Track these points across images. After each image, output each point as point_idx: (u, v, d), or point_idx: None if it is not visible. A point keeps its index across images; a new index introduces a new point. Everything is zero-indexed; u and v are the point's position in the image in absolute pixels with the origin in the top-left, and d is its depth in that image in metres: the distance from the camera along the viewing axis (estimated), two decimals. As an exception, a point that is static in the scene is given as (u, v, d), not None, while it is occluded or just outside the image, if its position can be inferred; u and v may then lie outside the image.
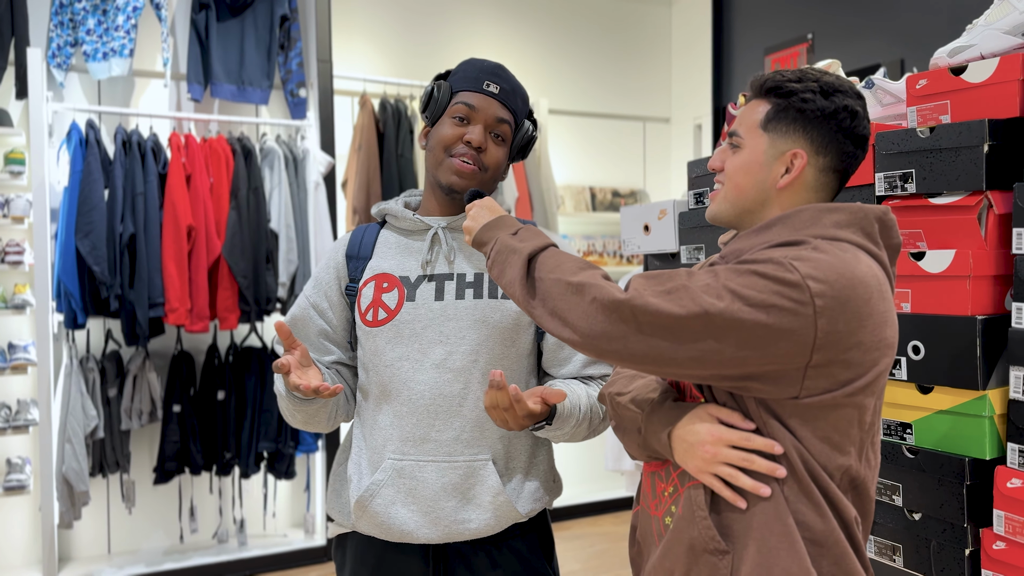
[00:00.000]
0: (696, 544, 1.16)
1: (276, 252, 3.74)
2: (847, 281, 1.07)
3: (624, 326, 1.09)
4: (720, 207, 1.24)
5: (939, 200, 1.47)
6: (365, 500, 1.46)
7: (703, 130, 5.05)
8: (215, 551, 3.82)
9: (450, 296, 1.47)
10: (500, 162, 1.49)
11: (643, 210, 2.13)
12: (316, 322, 1.55)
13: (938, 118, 1.52)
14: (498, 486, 1.44)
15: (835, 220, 1.15)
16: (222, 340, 3.88)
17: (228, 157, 3.66)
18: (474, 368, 1.45)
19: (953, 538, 1.46)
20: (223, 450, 3.74)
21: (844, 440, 1.13)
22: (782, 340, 1.05)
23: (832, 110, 1.17)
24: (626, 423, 1.27)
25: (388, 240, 1.55)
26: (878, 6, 3.96)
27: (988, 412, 1.41)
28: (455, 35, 4.57)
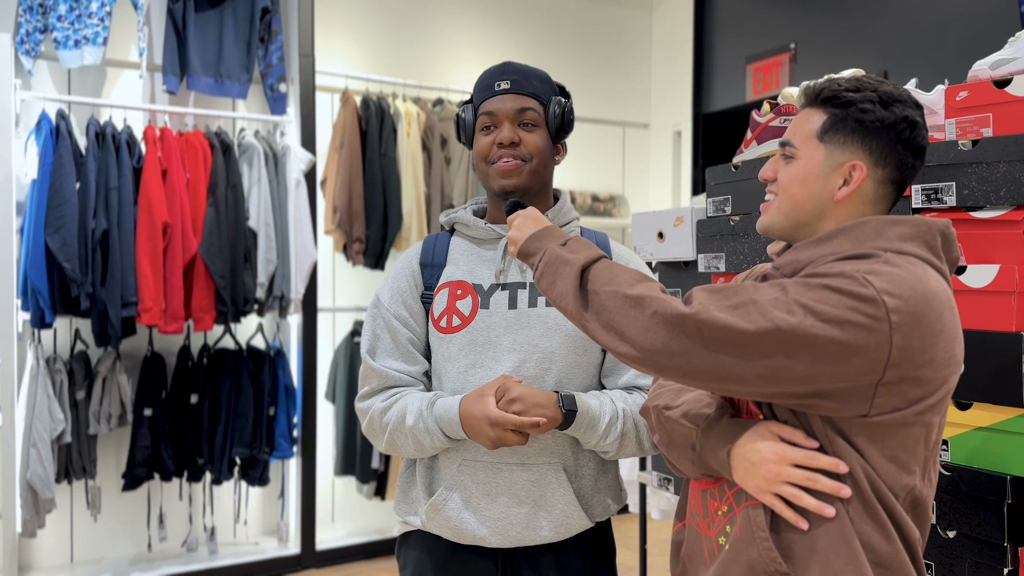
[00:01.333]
0: (756, 566, 1.11)
1: (254, 251, 3.62)
2: (921, 296, 1.04)
3: (688, 341, 1.05)
4: (774, 218, 1.21)
5: (981, 214, 1.45)
6: (438, 504, 1.46)
7: (682, 137, 5.05)
8: (184, 560, 3.69)
9: (523, 304, 1.48)
10: (541, 146, 1.50)
11: (656, 216, 2.09)
12: (402, 332, 1.52)
13: (979, 131, 1.50)
14: (569, 494, 1.46)
15: (899, 233, 1.12)
16: (195, 341, 3.74)
17: (206, 152, 3.53)
18: (547, 376, 1.46)
19: (991, 557, 1.44)
20: (195, 455, 3.61)
21: (910, 459, 1.10)
22: (856, 357, 1.02)
23: (892, 121, 1.14)
24: (677, 438, 1.22)
25: (460, 247, 1.56)
26: (861, 18, 4.00)
27: (1031, 430, 1.40)
28: (439, 34, 4.49)
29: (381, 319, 1.53)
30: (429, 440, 1.44)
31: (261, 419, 3.70)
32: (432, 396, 1.47)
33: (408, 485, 1.55)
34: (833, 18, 4.15)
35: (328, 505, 4.15)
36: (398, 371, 1.51)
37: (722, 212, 1.98)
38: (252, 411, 3.68)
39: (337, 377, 4.02)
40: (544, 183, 1.53)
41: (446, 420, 1.42)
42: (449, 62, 4.48)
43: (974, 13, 3.47)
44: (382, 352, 1.52)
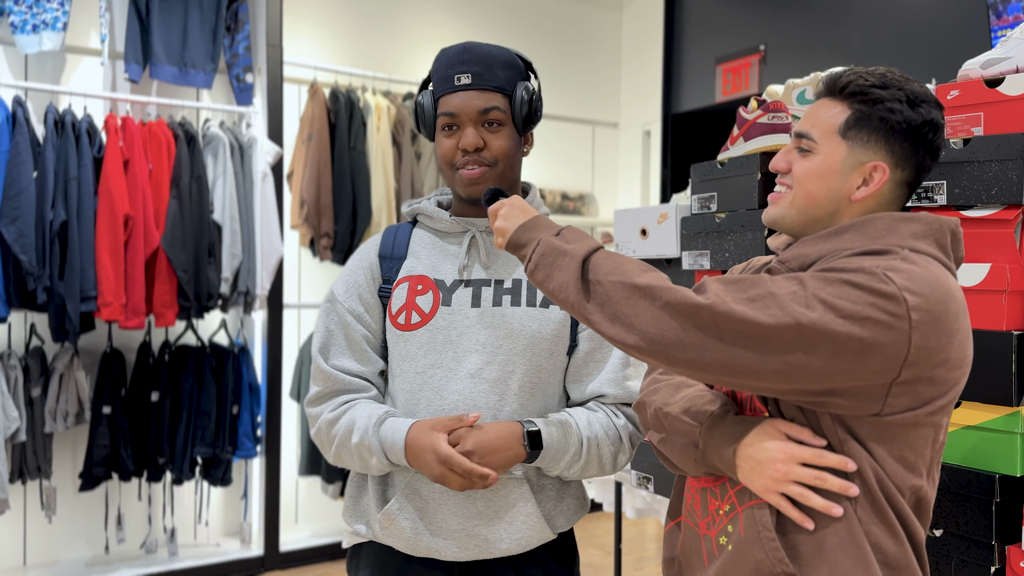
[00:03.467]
0: (762, 566, 1.09)
1: (219, 245, 3.52)
2: (940, 295, 1.03)
3: (702, 334, 1.01)
4: (786, 212, 1.17)
5: (972, 213, 1.46)
6: (392, 514, 1.38)
7: (652, 136, 5.06)
8: (143, 562, 3.58)
9: (487, 303, 1.39)
10: (508, 147, 1.40)
11: (640, 213, 2.07)
12: (357, 329, 1.43)
13: (970, 130, 1.50)
14: (531, 506, 1.39)
15: (912, 231, 1.10)
16: (156, 337, 3.63)
17: (169, 142, 3.42)
18: (510, 380, 1.37)
19: (978, 555, 1.45)
20: (156, 455, 3.50)
21: (918, 460, 1.09)
22: (874, 355, 1.00)
23: (919, 123, 1.11)
24: (677, 436, 1.19)
25: (423, 240, 1.47)
26: (829, 20, 4.04)
27: (1020, 428, 1.40)
28: (410, 27, 4.43)
29: (335, 315, 1.44)
30: (375, 462, 1.36)
31: (224, 418, 3.60)
32: (381, 414, 1.37)
33: (359, 492, 1.46)
34: (802, 20, 4.18)
35: (292, 506, 4.07)
36: (351, 372, 1.42)
37: (707, 209, 1.96)
38: (215, 409, 3.59)
39: (303, 375, 3.94)
40: (513, 181, 1.45)
41: (390, 444, 1.34)
42: (420, 56, 4.42)
43: (941, 14, 3.52)
44: (335, 351, 1.43)
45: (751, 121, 1.80)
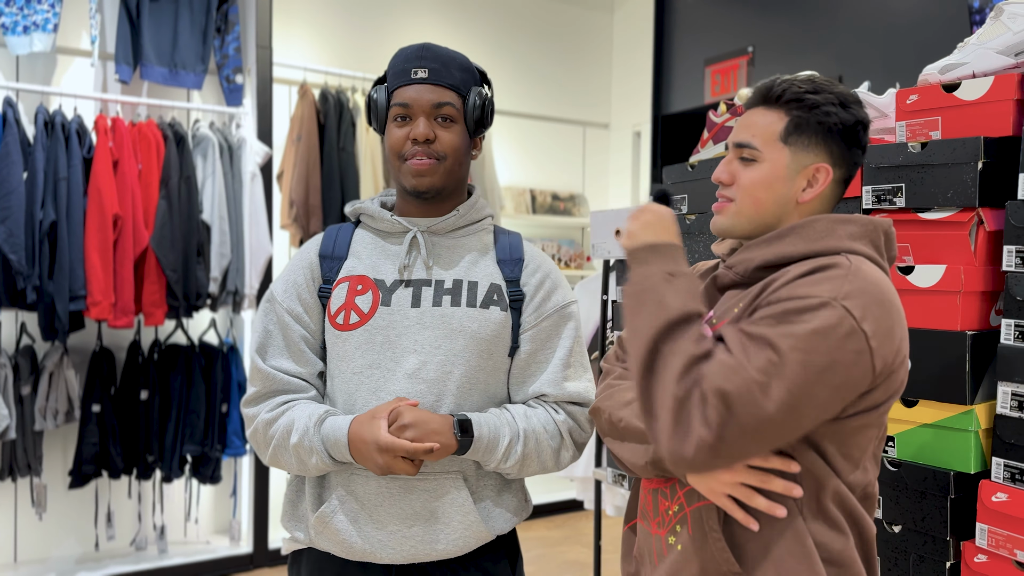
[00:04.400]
0: (709, 566, 1.12)
1: (208, 245, 3.55)
2: (886, 310, 1.07)
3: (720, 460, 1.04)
4: (734, 221, 1.20)
5: (929, 215, 1.48)
6: (326, 516, 1.36)
7: (642, 137, 5.08)
8: (133, 559, 3.61)
9: (427, 303, 1.39)
10: (457, 144, 1.40)
11: (614, 215, 2.10)
12: (295, 329, 1.42)
13: (928, 134, 1.53)
14: (469, 505, 1.37)
15: (849, 232, 1.15)
16: (146, 336, 3.66)
17: (159, 143, 3.45)
18: (448, 380, 1.37)
19: (934, 551, 1.48)
20: (145, 453, 3.53)
21: (864, 455, 1.13)
22: (847, 389, 1.05)
23: (852, 123, 1.17)
24: (630, 439, 1.21)
25: (364, 240, 1.46)
26: (816, 22, 4.07)
27: (974, 426, 1.43)
28: (399, 27, 4.46)
29: (274, 315, 1.42)
30: (314, 460, 1.34)
31: (213, 416, 3.63)
32: (322, 413, 1.36)
33: (296, 497, 1.44)
34: (790, 22, 4.21)
35: (281, 504, 4.08)
36: (288, 373, 1.40)
37: (678, 211, 1.99)
38: (204, 408, 3.61)
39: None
40: (459, 181, 1.45)
41: (332, 441, 1.32)
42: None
43: (926, 17, 3.55)
44: (273, 351, 1.41)
45: (720, 124, 1.83)
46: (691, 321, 1.08)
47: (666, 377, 1.05)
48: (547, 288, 1.45)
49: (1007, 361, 1.39)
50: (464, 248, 1.45)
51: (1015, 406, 1.39)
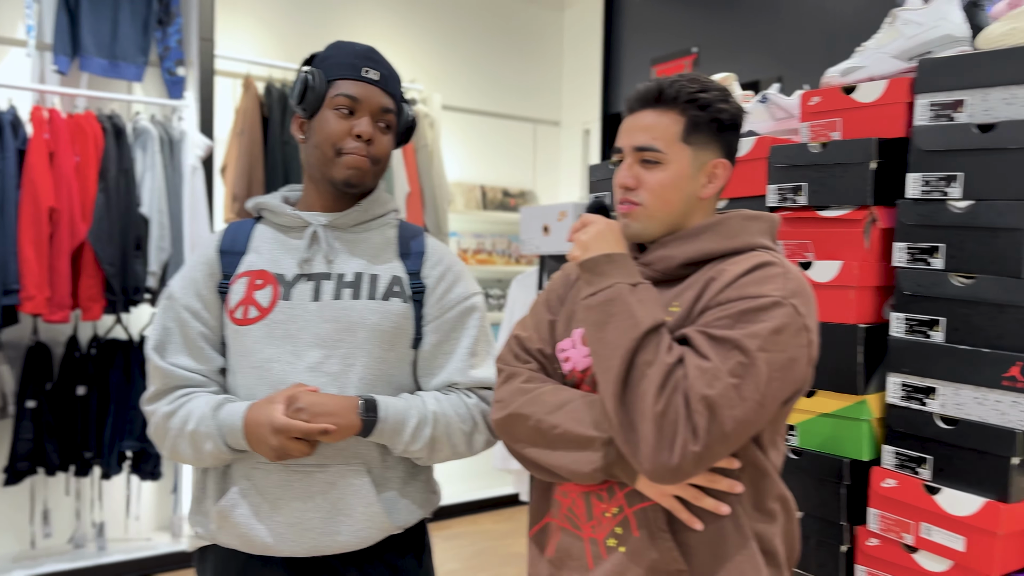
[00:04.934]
0: (657, 565, 1.14)
1: (147, 239, 3.51)
2: (814, 305, 1.14)
3: (701, 465, 1.07)
4: (645, 225, 1.22)
5: (827, 213, 1.54)
6: (226, 510, 1.36)
7: (591, 135, 5.14)
8: (71, 557, 3.56)
9: (327, 296, 1.39)
10: (388, 151, 1.44)
11: (543, 211, 2.13)
12: (194, 326, 1.40)
13: (829, 134, 1.59)
14: (371, 496, 1.36)
15: (758, 228, 1.20)
16: (84, 331, 3.62)
17: (97, 135, 3.41)
18: (350, 372, 1.37)
19: (831, 535, 1.53)
20: (82, 449, 3.49)
21: (780, 438, 1.20)
22: (798, 382, 1.11)
23: (738, 116, 1.23)
24: (568, 446, 1.18)
25: (264, 235, 1.45)
26: (759, 25, 4.15)
27: (867, 416, 1.49)
28: (346, 22, 4.45)
29: (172, 312, 1.41)
30: (210, 447, 1.33)
31: (153, 411, 3.60)
32: (220, 400, 1.36)
33: (201, 493, 1.43)
34: (733, 24, 4.29)
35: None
36: (188, 369, 1.39)
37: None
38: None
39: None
40: (376, 185, 1.47)
41: (228, 427, 1.32)
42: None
43: (863, 19, 3.64)
44: (172, 348, 1.39)
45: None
46: (660, 331, 1.10)
47: (646, 389, 1.06)
48: (449, 280, 1.47)
49: (897, 353, 1.45)
50: (366, 242, 1.46)
51: (904, 396, 1.45)
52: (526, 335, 1.32)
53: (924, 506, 1.40)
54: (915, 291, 1.43)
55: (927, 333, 1.42)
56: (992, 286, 1.34)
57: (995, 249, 1.34)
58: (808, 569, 1.58)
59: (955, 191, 1.38)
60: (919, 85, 1.45)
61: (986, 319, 1.36)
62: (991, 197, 1.35)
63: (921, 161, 1.42)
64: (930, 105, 1.43)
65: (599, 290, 1.14)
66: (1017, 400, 1.33)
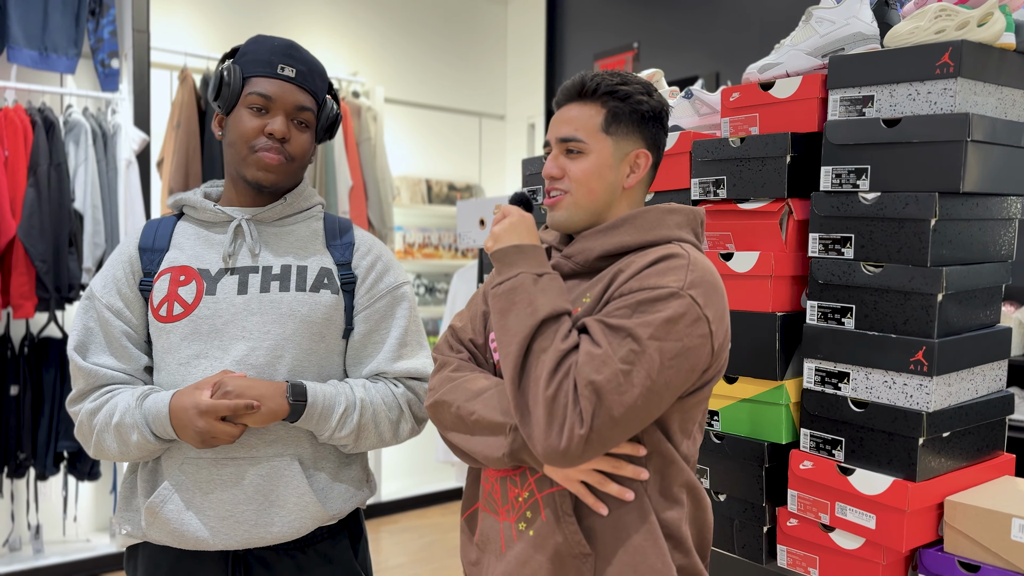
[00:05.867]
0: (562, 549, 1.17)
1: (80, 234, 3.45)
2: (719, 295, 1.16)
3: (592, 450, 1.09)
4: (571, 213, 1.25)
5: (747, 205, 1.59)
6: (156, 506, 1.35)
7: (536, 129, 5.17)
8: (6, 560, 3.48)
9: (254, 289, 1.39)
10: (307, 149, 1.43)
11: (479, 205, 2.15)
12: (116, 325, 1.39)
13: (748, 129, 1.63)
14: (303, 487, 1.37)
15: (676, 221, 1.23)
16: (16, 330, 3.53)
17: (27, 129, 3.33)
18: (279, 364, 1.37)
19: (753, 517, 1.59)
20: (16, 450, 3.41)
21: (695, 427, 1.22)
22: (695, 371, 1.14)
23: (659, 109, 1.26)
24: (482, 432, 1.22)
25: (186, 231, 1.44)
26: (698, 21, 4.22)
27: (784, 400, 1.54)
28: (287, 14, 4.41)
29: (93, 312, 1.40)
30: (136, 437, 1.32)
31: (90, 410, 3.54)
32: (145, 390, 1.36)
33: (130, 491, 1.42)
34: (673, 20, 4.36)
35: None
36: (111, 368, 1.38)
37: (535, 200, 2.06)
38: (80, 402, 3.51)
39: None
40: (298, 182, 1.47)
41: (154, 414, 1.31)
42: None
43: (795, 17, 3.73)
44: (94, 348, 1.39)
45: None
46: (560, 319, 1.14)
47: (539, 374, 1.10)
48: (379, 270, 1.48)
49: (811, 339, 1.51)
50: (292, 235, 1.46)
51: (818, 381, 1.50)
52: (460, 325, 1.35)
53: (838, 486, 1.46)
54: (828, 280, 1.49)
55: (840, 320, 1.48)
56: (899, 274, 1.40)
57: (901, 239, 1.40)
58: (731, 550, 1.63)
59: (864, 183, 1.44)
60: (831, 81, 1.50)
61: (893, 306, 1.42)
62: (897, 189, 1.41)
63: (833, 154, 1.48)
64: (841, 100, 1.48)
65: (505, 279, 1.18)
66: (923, 383, 1.39)
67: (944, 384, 1.40)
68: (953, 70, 1.35)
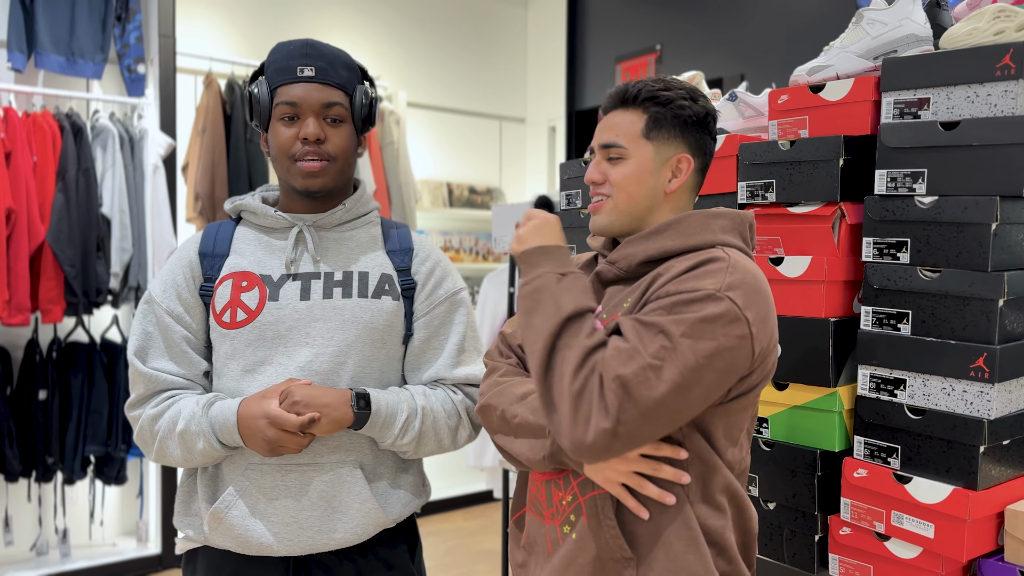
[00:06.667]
0: (604, 552, 1.17)
1: (108, 239, 3.46)
2: (763, 298, 1.14)
3: (618, 444, 1.08)
4: (612, 218, 1.25)
5: (797, 209, 1.57)
6: (220, 512, 1.35)
7: (556, 132, 5.15)
8: (34, 564, 3.49)
9: (317, 296, 1.39)
10: (346, 145, 1.41)
11: (515, 208, 2.14)
12: (176, 330, 1.39)
13: (797, 132, 1.61)
14: (366, 493, 1.38)
15: (721, 226, 1.22)
16: (44, 334, 3.54)
17: (55, 134, 3.34)
18: (342, 370, 1.38)
19: (804, 525, 1.56)
20: (44, 454, 3.42)
21: (741, 435, 1.21)
22: (732, 373, 1.11)
23: (703, 114, 1.24)
24: (525, 435, 1.23)
25: (247, 237, 1.44)
26: (722, 23, 4.20)
27: (838, 407, 1.52)
28: (309, 17, 4.41)
29: (153, 316, 1.40)
30: (201, 445, 1.32)
31: (117, 415, 3.55)
32: (210, 398, 1.35)
33: (189, 496, 1.43)
34: (696, 22, 4.33)
35: (192, 502, 4.01)
36: (171, 373, 1.38)
37: (573, 205, 2.05)
38: (107, 407, 3.52)
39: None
40: (348, 180, 1.45)
41: (221, 422, 1.31)
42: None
43: (824, 18, 3.71)
44: (154, 353, 1.38)
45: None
46: (584, 316, 1.14)
47: (564, 370, 1.10)
48: (438, 276, 1.48)
49: (866, 346, 1.49)
50: (352, 240, 1.46)
51: (873, 387, 1.48)
52: (511, 332, 1.37)
53: (895, 494, 1.44)
54: (883, 285, 1.46)
55: (896, 326, 1.45)
56: (957, 279, 1.38)
57: (960, 243, 1.38)
58: (781, 559, 1.61)
59: (921, 187, 1.41)
60: (884, 84, 1.48)
61: (952, 312, 1.39)
62: (955, 193, 1.38)
63: (888, 158, 1.45)
64: (895, 103, 1.46)
65: (530, 280, 1.19)
66: (983, 390, 1.36)
67: (1005, 391, 1.38)
68: (1015, 72, 1.33)
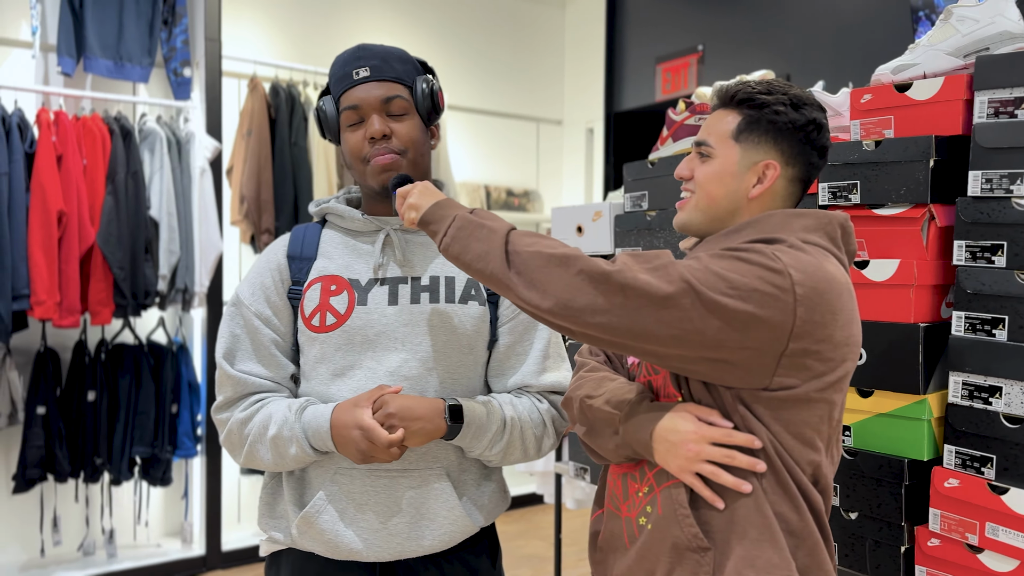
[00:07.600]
0: (679, 543, 1.15)
1: (156, 242, 3.48)
2: (822, 276, 1.11)
3: (611, 299, 1.08)
4: (691, 215, 1.25)
5: (883, 211, 1.53)
6: (311, 516, 1.35)
7: (595, 134, 5.12)
8: (80, 564, 3.52)
9: (404, 300, 1.38)
10: (416, 136, 1.39)
11: (577, 211, 2.11)
12: (265, 333, 1.38)
13: (881, 132, 1.58)
14: (453, 500, 1.37)
15: (803, 224, 1.18)
16: (92, 336, 3.57)
17: (104, 137, 3.36)
18: (431, 376, 1.37)
19: (890, 536, 1.52)
20: (93, 455, 3.44)
21: (815, 436, 1.16)
22: (763, 324, 1.07)
23: (802, 123, 1.20)
24: (599, 425, 1.25)
25: (333, 240, 1.43)
26: (765, 21, 4.14)
27: (927, 415, 1.48)
28: (350, 20, 4.41)
29: (241, 318, 1.39)
30: (294, 450, 1.32)
31: (163, 417, 3.56)
32: (302, 403, 1.35)
33: (274, 498, 1.42)
34: (739, 21, 4.28)
35: (234, 505, 4.03)
36: (259, 376, 1.38)
37: (639, 207, 2.01)
38: (154, 408, 3.54)
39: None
40: (424, 172, 1.43)
41: (314, 429, 1.31)
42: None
43: (871, 17, 3.65)
44: (242, 356, 1.38)
45: (679, 123, 1.85)
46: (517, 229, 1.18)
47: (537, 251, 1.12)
48: None
49: (958, 352, 1.44)
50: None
51: (965, 395, 1.44)
52: None
53: (990, 505, 1.39)
54: (977, 289, 1.42)
55: (991, 331, 1.41)
56: (1057, 284, 1.33)
57: (1060, 247, 1.33)
58: (864, 570, 1.57)
59: (1018, 189, 1.37)
60: (978, 82, 1.43)
61: (1051, 317, 1.35)
62: (1055, 194, 1.34)
63: (982, 158, 1.41)
64: (989, 102, 1.42)
65: (445, 229, 1.21)
66: (1084, 398, 1.32)
67: (1108, 399, 1.33)
68: (1122, 69, 1.29)
